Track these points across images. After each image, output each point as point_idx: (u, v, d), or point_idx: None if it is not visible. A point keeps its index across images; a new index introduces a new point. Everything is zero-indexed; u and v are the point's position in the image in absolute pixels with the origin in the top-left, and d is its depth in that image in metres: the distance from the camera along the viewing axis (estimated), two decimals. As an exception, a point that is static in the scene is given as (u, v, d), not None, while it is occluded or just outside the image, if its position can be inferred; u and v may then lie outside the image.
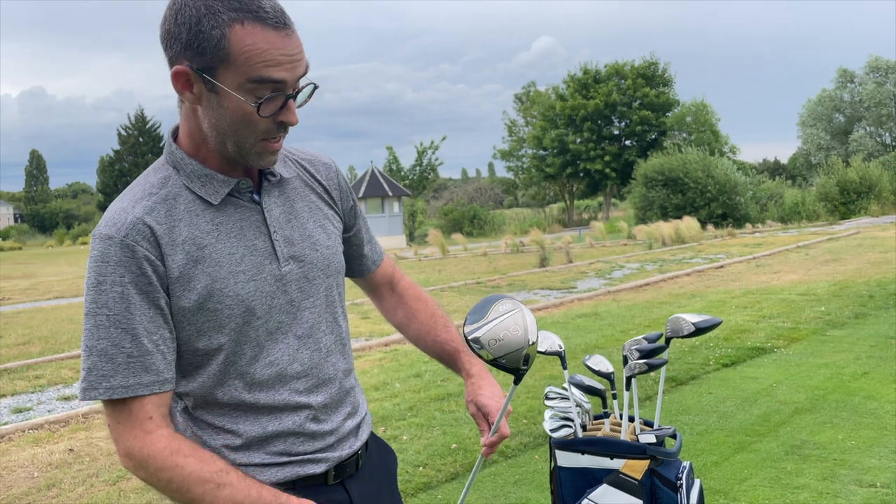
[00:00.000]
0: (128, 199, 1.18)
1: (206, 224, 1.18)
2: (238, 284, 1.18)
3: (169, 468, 1.10)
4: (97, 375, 1.11)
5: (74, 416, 5.42)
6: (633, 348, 1.79)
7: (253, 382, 1.21)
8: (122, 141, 63.75)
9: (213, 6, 1.07)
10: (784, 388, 5.23)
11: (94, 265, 1.13)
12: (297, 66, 1.12)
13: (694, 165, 25.83)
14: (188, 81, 1.13)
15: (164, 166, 1.22)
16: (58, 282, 18.33)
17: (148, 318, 1.13)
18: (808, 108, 49.37)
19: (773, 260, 13.66)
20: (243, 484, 1.12)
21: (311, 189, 1.34)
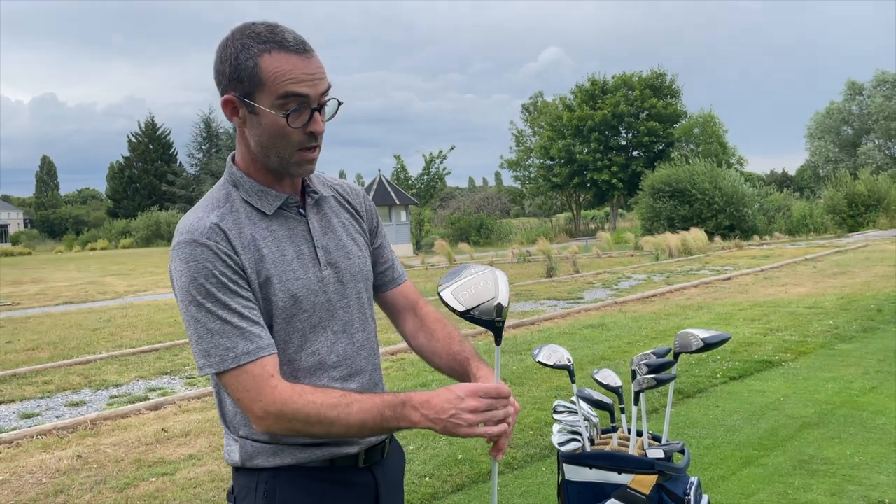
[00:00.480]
0: (200, 211, 1.39)
1: (263, 231, 1.40)
2: (289, 281, 1.39)
3: (303, 405, 1.29)
4: (222, 350, 1.31)
5: (82, 422, 5.45)
6: (641, 363, 1.80)
7: (299, 368, 1.41)
8: (132, 148, 64.09)
9: (247, 43, 1.32)
10: (792, 402, 5.22)
11: (184, 267, 1.32)
12: (318, 83, 1.34)
13: (701, 177, 25.77)
14: (234, 108, 1.36)
15: (224, 184, 1.44)
16: (67, 287, 18.41)
17: (243, 299, 1.34)
18: (816, 120, 49.28)
19: (781, 272, 13.61)
20: (366, 397, 1.32)
21: (344, 208, 1.56)
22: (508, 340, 8.03)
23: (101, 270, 24.92)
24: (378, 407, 1.30)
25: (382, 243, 1.65)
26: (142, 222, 51.59)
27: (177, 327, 10.34)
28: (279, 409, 1.30)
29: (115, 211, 62.84)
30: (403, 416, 1.30)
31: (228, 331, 1.31)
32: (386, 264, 1.65)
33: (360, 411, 1.30)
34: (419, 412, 1.29)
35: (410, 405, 1.29)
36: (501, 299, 1.34)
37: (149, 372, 7.42)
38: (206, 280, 1.31)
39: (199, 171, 58.02)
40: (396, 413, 1.30)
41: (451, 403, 1.27)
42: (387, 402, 1.30)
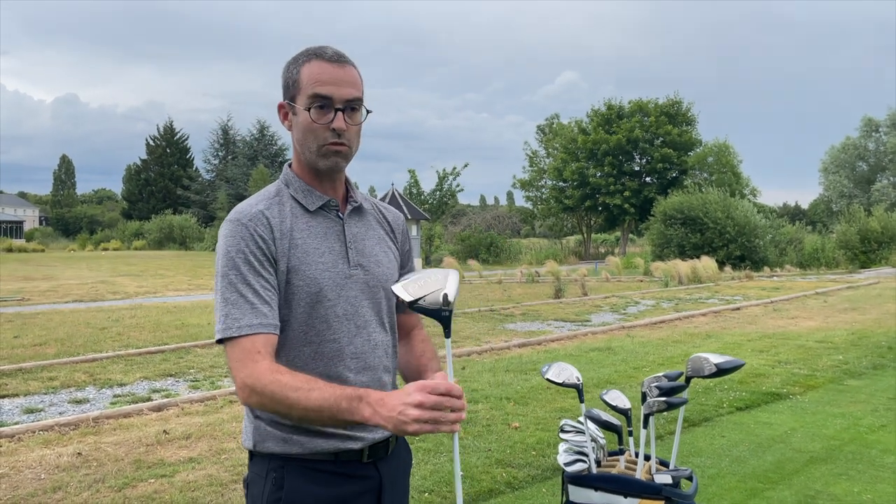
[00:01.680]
0: (252, 200, 1.57)
1: (302, 224, 1.56)
2: (317, 270, 1.53)
3: (270, 382, 1.38)
4: (231, 319, 1.45)
5: (85, 419, 5.44)
6: (652, 385, 1.78)
7: (318, 352, 1.53)
8: (149, 151, 64.58)
9: (298, 57, 1.56)
10: (799, 436, 5.15)
11: (225, 240, 1.50)
12: (343, 87, 1.52)
13: (714, 206, 25.66)
14: (285, 112, 1.59)
15: (277, 183, 1.63)
16: (77, 285, 18.50)
17: (262, 279, 1.49)
18: (831, 154, 49.12)
19: (791, 305, 13.51)
20: (328, 386, 1.38)
21: (381, 225, 1.72)
22: (514, 360, 7.99)
23: (113, 270, 25.03)
24: (336, 397, 1.35)
25: (410, 270, 1.77)
26: (155, 225, 51.87)
27: (183, 330, 10.35)
28: (252, 383, 1.40)
29: (129, 212, 63.23)
30: (357, 410, 1.33)
31: (241, 303, 1.46)
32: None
33: (318, 398, 1.35)
34: (372, 408, 1.32)
35: (365, 401, 1.33)
36: (448, 290, 1.40)
37: (153, 373, 7.42)
38: (237, 255, 1.48)
39: (214, 177, 58.39)
40: (351, 406, 1.34)
41: (399, 400, 1.29)
42: (346, 395, 1.35)
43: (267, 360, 1.43)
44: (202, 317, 11.89)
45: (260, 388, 1.39)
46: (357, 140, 1.59)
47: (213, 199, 54.04)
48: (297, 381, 1.38)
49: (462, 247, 32.51)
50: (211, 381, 7.10)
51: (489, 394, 6.30)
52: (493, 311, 12.73)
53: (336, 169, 1.58)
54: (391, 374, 1.66)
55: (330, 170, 1.57)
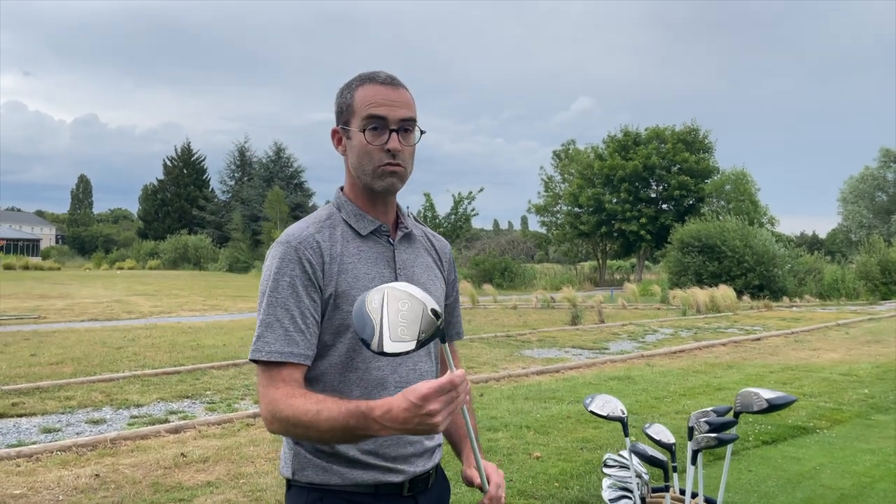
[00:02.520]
0: (304, 223, 1.56)
1: (353, 248, 1.55)
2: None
3: (285, 407, 1.38)
4: (263, 341, 1.44)
5: (102, 440, 5.41)
6: (701, 420, 1.72)
7: (363, 379, 1.50)
8: (166, 171, 65.25)
9: (351, 83, 1.56)
10: (828, 472, 5.01)
11: (273, 262, 1.49)
12: (396, 108, 1.52)
13: (732, 234, 25.46)
14: (339, 138, 1.59)
15: (330, 206, 1.63)
16: (93, 304, 18.59)
17: (304, 305, 1.47)
18: (849, 184, 48.80)
19: (813, 336, 13.30)
20: (335, 404, 1.35)
21: (429, 253, 1.71)
22: (532, 387, 7.89)
23: (128, 289, 25.16)
24: (344, 416, 1.33)
25: (455, 299, 1.78)
26: (170, 245, 52.22)
27: (199, 351, 10.33)
28: (271, 410, 1.41)
29: (145, 232, 63.75)
30: (367, 428, 1.31)
31: (277, 328, 1.45)
32: (453, 317, 1.78)
33: (327, 419, 1.34)
34: (380, 423, 1.29)
35: (371, 418, 1.30)
36: (430, 304, 1.26)
37: (170, 394, 7.39)
38: (282, 278, 1.47)
39: (229, 198, 58.83)
40: (360, 424, 1.32)
41: (411, 413, 1.25)
42: (350, 412, 1.32)
43: (288, 386, 1.43)
44: (217, 338, 11.88)
45: (277, 413, 1.40)
46: (411, 162, 1.58)
47: (228, 220, 54.38)
48: (308, 404, 1.38)
49: (476, 271, 32.43)
50: (227, 404, 7.05)
51: (509, 422, 6.20)
52: (509, 337, 12.63)
53: (391, 190, 1.56)
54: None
55: (386, 191, 1.56)
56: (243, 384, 7.97)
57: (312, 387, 1.53)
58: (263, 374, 1.46)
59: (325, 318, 1.51)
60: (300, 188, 55.83)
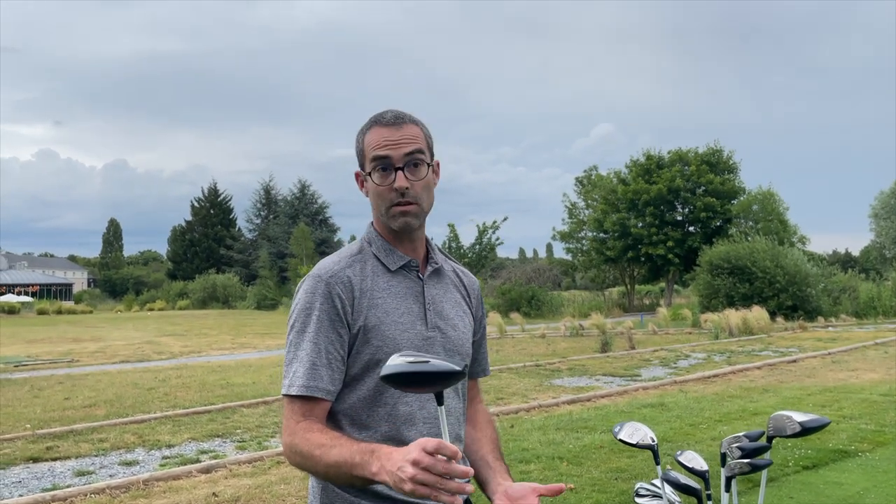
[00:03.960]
0: (336, 258, 1.59)
1: (383, 283, 1.56)
2: (396, 330, 1.52)
3: (302, 441, 1.42)
4: (291, 376, 1.48)
5: (135, 482, 5.43)
6: (733, 446, 1.68)
7: (391, 415, 1.50)
8: (194, 212, 66.46)
9: (363, 127, 1.60)
10: (873, 497, 4.85)
11: (304, 295, 1.52)
12: (400, 147, 1.54)
13: (762, 254, 25.06)
14: (361, 181, 1.62)
15: (361, 241, 1.64)
16: (124, 346, 18.84)
17: (330, 340, 1.48)
18: (880, 199, 47.93)
19: (850, 356, 12.97)
20: (348, 443, 1.37)
21: (458, 289, 1.71)
22: (563, 417, 7.78)
23: (158, 331, 25.48)
24: (353, 452, 1.34)
25: (482, 336, 1.77)
26: (199, 284, 52.91)
27: (229, 389, 10.39)
28: (290, 442, 1.44)
29: (174, 273, 64.70)
30: (367, 465, 1.31)
31: (305, 361, 1.47)
32: (477, 356, 1.76)
33: (337, 454, 1.35)
34: (379, 463, 1.28)
35: (376, 455, 1.30)
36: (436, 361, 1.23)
37: (201, 434, 7.42)
38: (311, 313, 1.49)
39: (256, 236, 59.60)
40: (363, 460, 1.32)
41: (401, 455, 1.23)
42: (361, 449, 1.34)
43: (307, 420, 1.45)
44: (246, 376, 11.95)
45: (294, 446, 1.43)
46: (427, 194, 1.58)
47: (255, 258, 55.04)
48: (324, 439, 1.40)
49: (503, 300, 32.32)
50: (258, 442, 7.05)
51: (541, 453, 6.11)
52: (538, 367, 12.51)
53: (408, 229, 1.57)
54: (461, 443, 1.62)
55: (402, 230, 1.57)
56: (273, 422, 7.98)
57: (341, 420, 1.53)
58: (287, 406, 1.49)
59: (353, 352, 1.51)
60: (325, 224, 56.45)
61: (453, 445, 1.22)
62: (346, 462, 1.35)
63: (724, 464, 1.65)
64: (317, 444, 1.40)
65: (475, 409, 1.76)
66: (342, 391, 1.53)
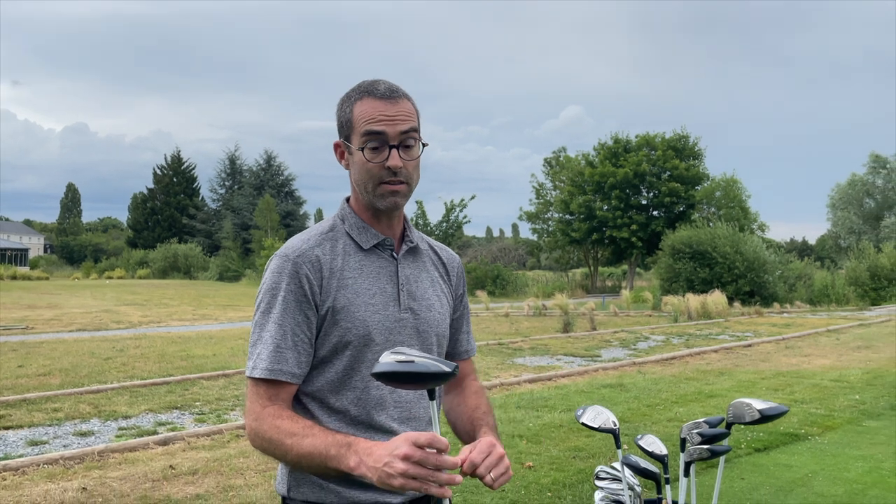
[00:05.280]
0: (305, 236, 1.53)
1: (355, 262, 1.51)
2: (367, 312, 1.47)
3: (270, 428, 1.37)
4: (255, 358, 1.43)
5: (90, 453, 5.34)
6: (693, 432, 1.70)
7: (361, 398, 1.47)
8: (156, 180, 65.00)
9: (350, 94, 1.51)
10: (821, 479, 5.01)
11: (270, 275, 1.47)
12: (396, 123, 1.46)
13: (723, 240, 25.55)
14: (341, 152, 1.55)
15: (333, 218, 1.58)
16: (81, 314, 18.46)
17: (296, 321, 1.44)
18: (838, 190, 49.14)
19: (804, 342, 13.35)
20: (322, 433, 1.34)
21: (436, 268, 1.66)
22: (524, 396, 7.86)
23: (117, 299, 25.01)
24: (327, 444, 1.31)
25: (462, 315, 1.72)
26: (160, 254, 51.99)
27: (189, 361, 10.26)
28: (255, 427, 1.40)
29: (134, 241, 63.41)
30: (343, 458, 1.28)
31: (269, 343, 1.42)
32: (461, 334, 1.72)
33: (310, 445, 1.32)
34: (359, 457, 1.26)
35: (353, 449, 1.28)
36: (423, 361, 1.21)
37: (159, 405, 7.32)
38: (277, 292, 1.44)
39: (220, 206, 58.68)
40: (339, 453, 1.29)
41: (387, 451, 1.21)
42: (336, 441, 1.31)
43: (275, 405, 1.41)
44: (207, 348, 11.81)
45: (261, 432, 1.39)
46: (415, 174, 1.52)
47: (219, 229, 54.25)
48: (296, 427, 1.36)
49: (468, 279, 32.41)
50: (217, 415, 6.99)
51: (501, 431, 6.12)
52: (501, 345, 12.61)
53: (395, 208, 1.52)
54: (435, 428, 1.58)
55: (389, 210, 1.52)
56: (233, 395, 7.91)
57: (308, 403, 1.49)
58: (251, 389, 1.44)
59: (321, 333, 1.47)
60: (291, 196, 55.79)
61: (444, 438, 1.22)
62: (319, 454, 1.31)
63: (684, 449, 1.67)
64: (287, 433, 1.36)
65: (466, 384, 1.70)
66: (310, 373, 1.48)
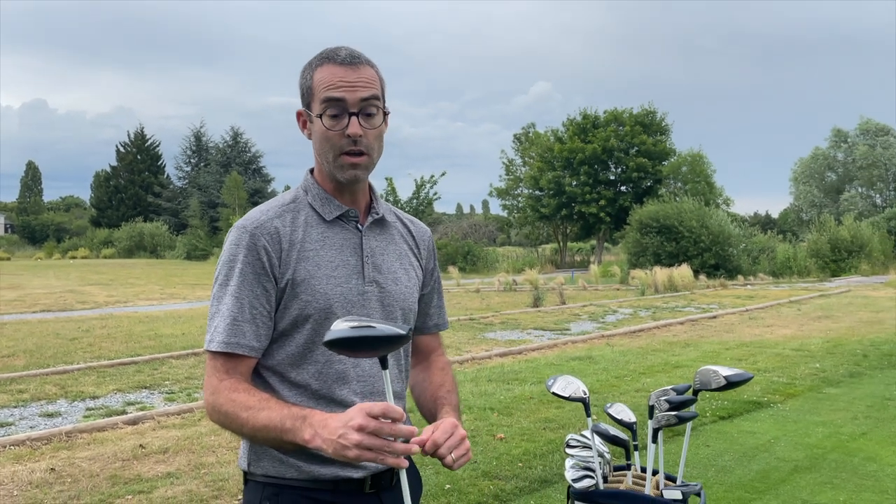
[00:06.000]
0: (265, 207, 1.49)
1: (316, 234, 1.48)
2: (329, 285, 1.44)
3: (226, 401, 1.36)
4: (213, 331, 1.41)
5: (57, 433, 5.28)
6: (661, 399, 1.74)
7: (322, 372, 1.44)
8: (119, 157, 63.49)
9: (312, 62, 1.48)
10: (782, 445, 5.17)
11: (228, 247, 1.44)
12: (357, 90, 1.42)
13: (689, 215, 25.92)
14: (303, 121, 1.51)
15: (297, 189, 1.55)
16: (45, 294, 18.09)
17: (255, 294, 1.41)
18: (801, 165, 50.03)
19: (766, 313, 13.66)
20: (277, 406, 1.32)
21: (405, 241, 1.62)
22: (495, 369, 7.94)
23: (81, 279, 24.55)
24: (283, 417, 1.29)
25: (433, 289, 1.69)
26: (125, 233, 51.04)
27: (157, 340, 10.15)
28: (213, 401, 1.38)
29: (98, 220, 62.06)
30: (298, 431, 1.27)
31: (226, 316, 1.40)
32: (432, 308, 1.69)
33: (266, 417, 1.30)
34: (313, 429, 1.25)
35: (308, 422, 1.26)
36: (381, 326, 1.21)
37: (127, 385, 7.24)
38: (234, 264, 1.42)
39: (186, 184, 57.70)
40: (294, 426, 1.27)
41: (342, 422, 1.20)
42: (292, 414, 1.29)
43: (232, 379, 1.39)
44: (176, 327, 11.68)
45: (217, 406, 1.37)
46: (377, 145, 1.48)
47: (185, 207, 53.37)
48: (252, 401, 1.34)
49: (440, 255, 32.40)
50: (187, 393, 6.94)
51: (472, 404, 6.24)
52: (472, 320, 12.69)
53: (355, 181, 1.48)
54: (402, 400, 1.55)
55: (350, 182, 1.48)
56: (203, 373, 7.85)
57: (269, 378, 1.46)
58: (209, 362, 1.42)
59: (281, 306, 1.44)
60: (259, 173, 55.03)
61: (398, 407, 1.21)
62: (275, 427, 1.30)
63: (652, 416, 1.71)
64: (243, 406, 1.33)
65: (433, 360, 1.69)
66: (270, 347, 1.46)
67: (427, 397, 1.60)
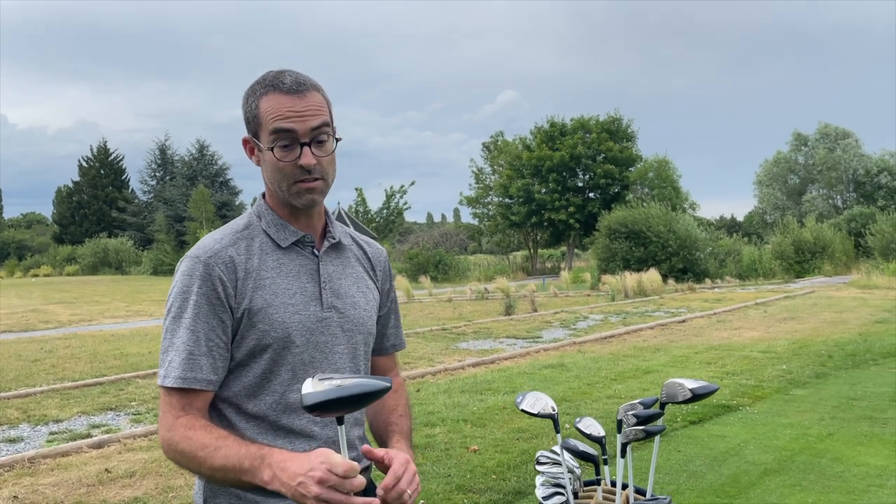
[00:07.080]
0: (218, 235, 1.46)
1: (272, 261, 1.45)
2: (286, 313, 1.41)
3: (182, 439, 1.32)
4: (167, 367, 1.37)
5: (20, 460, 5.13)
6: (629, 413, 1.75)
7: (281, 403, 1.41)
8: (82, 172, 62.40)
9: (255, 88, 1.44)
10: (752, 448, 5.23)
11: (181, 277, 1.39)
12: (306, 120, 1.39)
13: (656, 220, 26.27)
14: (251, 148, 1.48)
15: (250, 215, 1.51)
16: (6, 314, 17.64)
17: (210, 326, 1.37)
18: (764, 168, 51.02)
19: (734, 316, 13.87)
20: (235, 444, 1.29)
21: (361, 264, 1.60)
22: (468, 380, 7.93)
23: (44, 298, 24.00)
24: (240, 456, 1.27)
25: (390, 310, 1.68)
26: (89, 249, 50.11)
27: (123, 360, 9.94)
28: (168, 438, 1.34)
29: (60, 237, 60.79)
30: (257, 471, 1.24)
31: (181, 350, 1.36)
32: (389, 329, 1.69)
33: (223, 457, 1.28)
34: (272, 471, 1.22)
35: (266, 462, 1.23)
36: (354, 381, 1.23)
37: (92, 407, 7.07)
38: (189, 296, 1.37)
39: (151, 198, 56.87)
40: (252, 466, 1.25)
41: (302, 470, 1.17)
42: (250, 454, 1.26)
43: (188, 416, 1.35)
44: (142, 345, 11.47)
45: (173, 444, 1.33)
46: (331, 169, 1.47)
47: (151, 222, 52.61)
48: (208, 439, 1.31)
49: (411, 265, 32.41)
50: (154, 414, 6.80)
51: (446, 416, 6.21)
52: (444, 330, 12.67)
53: (312, 205, 1.46)
54: (361, 427, 1.55)
55: (307, 207, 1.46)
56: (171, 392, 7.71)
57: (224, 409, 1.44)
58: (164, 398, 1.38)
59: (237, 337, 1.41)
60: (226, 186, 54.50)
61: (361, 477, 1.19)
62: (233, 467, 1.27)
63: (621, 430, 1.71)
64: (200, 446, 1.30)
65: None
66: (226, 378, 1.43)
67: (380, 421, 1.60)
